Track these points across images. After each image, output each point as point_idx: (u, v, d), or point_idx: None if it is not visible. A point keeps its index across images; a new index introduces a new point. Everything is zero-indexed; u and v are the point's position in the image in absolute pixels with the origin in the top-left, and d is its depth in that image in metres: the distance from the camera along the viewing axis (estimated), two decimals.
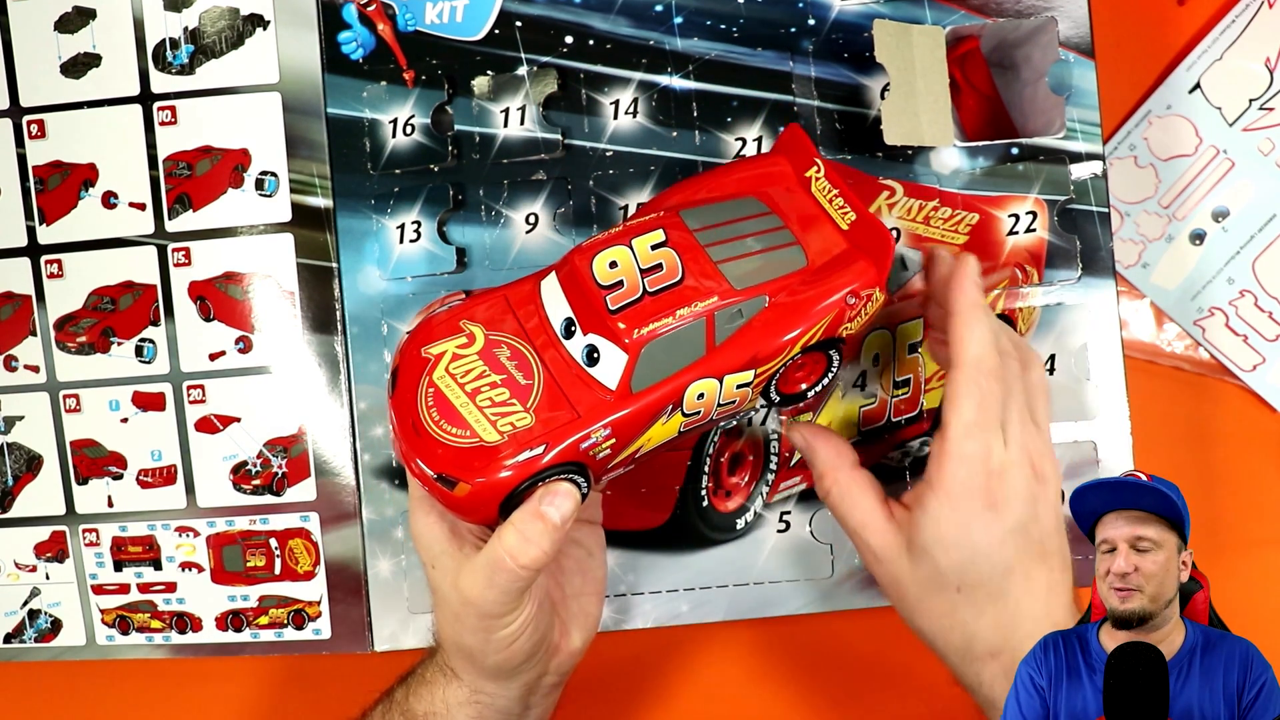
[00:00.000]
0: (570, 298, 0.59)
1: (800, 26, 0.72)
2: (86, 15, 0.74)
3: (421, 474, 0.57)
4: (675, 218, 0.60)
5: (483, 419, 0.57)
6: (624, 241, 0.59)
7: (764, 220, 0.61)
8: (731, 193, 0.63)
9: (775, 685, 0.79)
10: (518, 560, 0.57)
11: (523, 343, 0.59)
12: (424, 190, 0.73)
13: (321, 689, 0.79)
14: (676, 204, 0.62)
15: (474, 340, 0.59)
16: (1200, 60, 0.78)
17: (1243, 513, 0.79)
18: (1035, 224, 0.72)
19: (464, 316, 0.60)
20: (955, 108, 0.73)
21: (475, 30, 0.73)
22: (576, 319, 0.59)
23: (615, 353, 0.57)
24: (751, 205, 0.62)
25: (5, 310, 0.76)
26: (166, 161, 0.74)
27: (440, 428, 0.57)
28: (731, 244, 0.60)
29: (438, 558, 0.61)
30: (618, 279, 0.58)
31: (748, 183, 0.63)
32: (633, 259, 0.58)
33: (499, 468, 0.56)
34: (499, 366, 0.58)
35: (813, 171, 0.62)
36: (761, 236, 0.61)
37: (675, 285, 0.58)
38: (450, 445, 0.57)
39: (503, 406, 0.58)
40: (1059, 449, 0.73)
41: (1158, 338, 0.79)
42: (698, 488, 0.73)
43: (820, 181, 0.62)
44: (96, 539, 0.76)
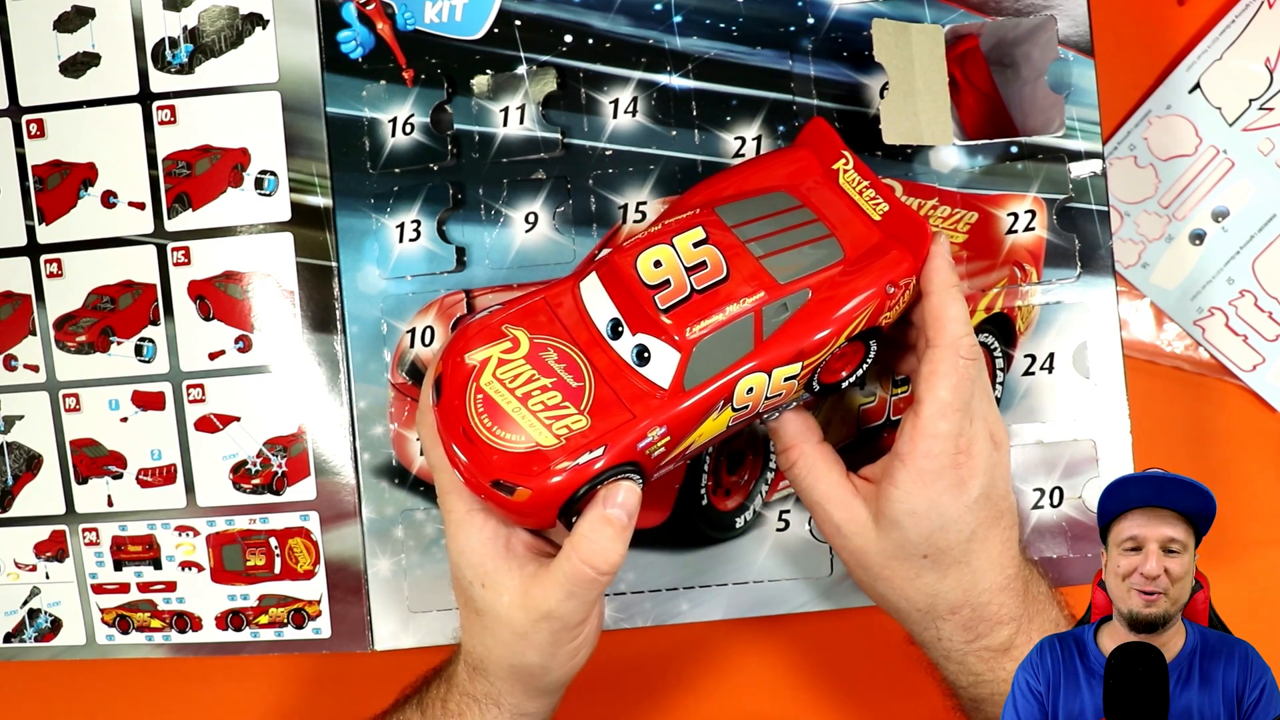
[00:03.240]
0: (615, 298, 0.59)
1: (799, 25, 0.72)
2: (86, 14, 0.74)
3: (475, 482, 0.57)
4: (713, 215, 0.60)
5: (537, 423, 0.57)
6: (665, 240, 0.59)
7: (797, 214, 0.62)
8: (761, 187, 0.63)
9: (775, 684, 0.79)
10: (598, 568, 0.57)
11: (569, 345, 0.59)
12: (423, 189, 0.73)
13: (321, 688, 0.79)
14: (707, 200, 0.62)
15: (519, 344, 0.59)
16: (1200, 60, 0.78)
17: (1243, 513, 0.79)
18: (1034, 223, 0.72)
19: (505, 321, 0.60)
20: (954, 106, 0.73)
21: (474, 29, 0.73)
22: (624, 319, 0.59)
23: (667, 352, 0.58)
24: (783, 200, 0.62)
25: (5, 310, 0.76)
26: (166, 161, 0.74)
27: (493, 433, 0.57)
28: (770, 239, 0.60)
29: (490, 575, 0.60)
30: (664, 278, 0.58)
31: (776, 178, 0.63)
32: (676, 258, 0.59)
33: (559, 471, 0.56)
34: (547, 370, 0.58)
35: (840, 164, 0.63)
36: (797, 230, 0.61)
37: (722, 282, 0.59)
38: (506, 450, 0.57)
39: (556, 409, 0.57)
40: (1057, 448, 0.73)
41: (1158, 338, 0.79)
42: (697, 486, 0.73)
43: (849, 174, 0.62)
44: (96, 538, 0.76)
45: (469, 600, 0.62)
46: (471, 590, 0.61)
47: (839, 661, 0.78)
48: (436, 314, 0.73)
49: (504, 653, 0.62)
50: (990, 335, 0.73)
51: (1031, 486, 0.73)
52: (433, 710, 0.65)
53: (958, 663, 0.64)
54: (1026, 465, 0.73)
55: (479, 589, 0.61)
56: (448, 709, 0.65)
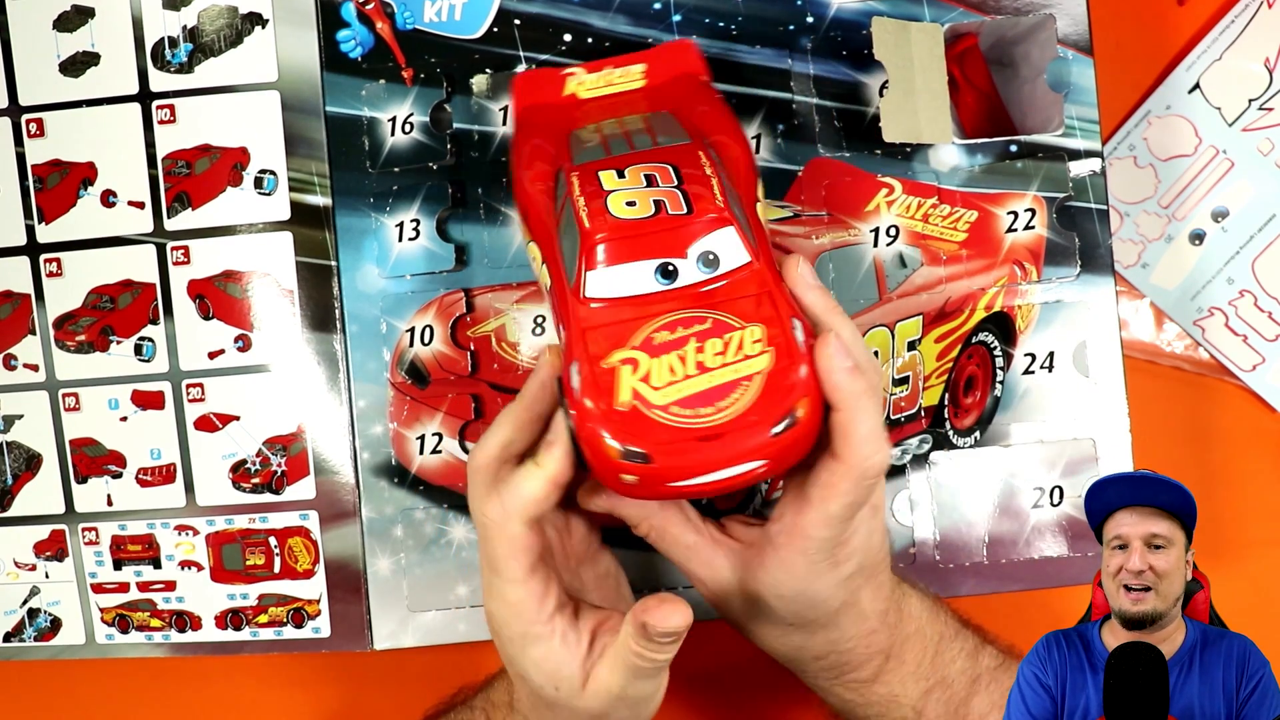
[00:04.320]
0: (634, 254, 0.55)
1: (799, 24, 0.72)
2: (85, 14, 0.74)
3: (756, 448, 0.51)
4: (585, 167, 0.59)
5: (734, 366, 0.52)
6: (605, 193, 0.57)
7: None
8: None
9: (774, 683, 0.78)
10: (661, 656, 0.55)
11: (660, 319, 0.55)
12: (423, 188, 0.73)
13: (321, 688, 0.79)
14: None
15: (638, 363, 0.54)
16: (1200, 60, 0.78)
17: (1243, 513, 0.79)
18: (1034, 221, 0.72)
19: (595, 344, 0.54)
20: (954, 105, 0.73)
21: (474, 28, 0.73)
22: (666, 256, 0.55)
23: (723, 234, 0.55)
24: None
25: (4, 309, 0.76)
26: (165, 160, 0.74)
27: (723, 407, 0.52)
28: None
29: (563, 680, 0.57)
30: (651, 204, 0.56)
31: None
32: (632, 189, 0.57)
33: (799, 364, 0.52)
34: (679, 341, 0.54)
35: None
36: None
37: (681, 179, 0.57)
38: (751, 401, 0.51)
39: (730, 355, 0.53)
40: (1057, 447, 0.73)
41: (1157, 338, 0.80)
42: None
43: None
44: (96, 538, 0.76)
45: (536, 695, 0.59)
46: (543, 692, 0.58)
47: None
48: (436, 313, 0.73)
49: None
50: (990, 334, 0.73)
51: (1031, 486, 0.73)
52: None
53: (827, 691, 0.65)
54: (1026, 465, 0.73)
55: (552, 690, 0.58)
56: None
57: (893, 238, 0.72)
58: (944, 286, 0.72)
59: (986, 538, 0.73)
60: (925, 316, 0.72)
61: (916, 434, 0.73)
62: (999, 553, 0.73)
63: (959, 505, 0.73)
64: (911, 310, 0.72)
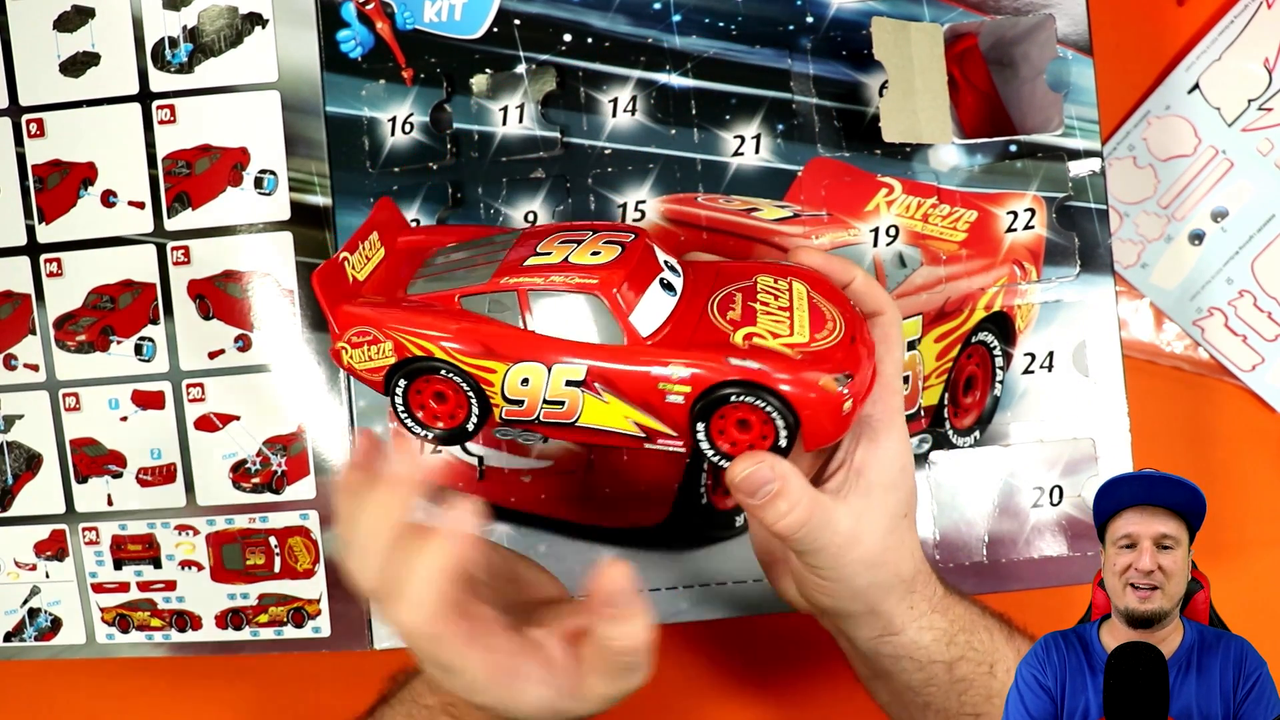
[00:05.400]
0: (642, 281, 0.58)
1: (798, 24, 0.72)
2: (85, 14, 0.74)
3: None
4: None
5: (799, 301, 0.59)
6: (568, 264, 0.58)
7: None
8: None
9: (774, 683, 0.79)
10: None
11: (711, 305, 0.59)
12: (423, 188, 0.73)
13: (321, 687, 0.79)
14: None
15: (731, 322, 0.58)
16: (1199, 60, 0.78)
17: (1242, 513, 0.79)
18: (1034, 221, 0.72)
19: (714, 347, 0.57)
20: (953, 105, 0.73)
21: (474, 28, 0.73)
22: (656, 274, 0.59)
23: (659, 252, 0.60)
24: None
25: (5, 309, 0.76)
26: (165, 160, 0.74)
27: (829, 329, 0.57)
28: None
29: (504, 701, 0.56)
30: (604, 246, 0.59)
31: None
32: (576, 247, 0.59)
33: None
34: (748, 308, 0.58)
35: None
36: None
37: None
38: (838, 317, 0.58)
39: (784, 296, 0.59)
40: (1058, 446, 0.73)
41: (1157, 338, 0.80)
42: (696, 485, 0.73)
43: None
44: (96, 537, 0.76)
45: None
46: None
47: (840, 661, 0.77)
48: None
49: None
50: (990, 334, 0.73)
51: (1031, 485, 0.73)
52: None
53: (925, 630, 0.63)
54: (1026, 464, 0.73)
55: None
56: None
57: (892, 238, 0.72)
58: (944, 286, 0.72)
59: (986, 537, 0.73)
60: (925, 316, 0.72)
61: (916, 434, 0.73)
62: (999, 552, 0.73)
63: (959, 505, 0.73)
64: (911, 310, 0.72)
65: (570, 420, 0.58)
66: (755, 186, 0.72)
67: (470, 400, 0.58)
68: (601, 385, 0.57)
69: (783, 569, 0.65)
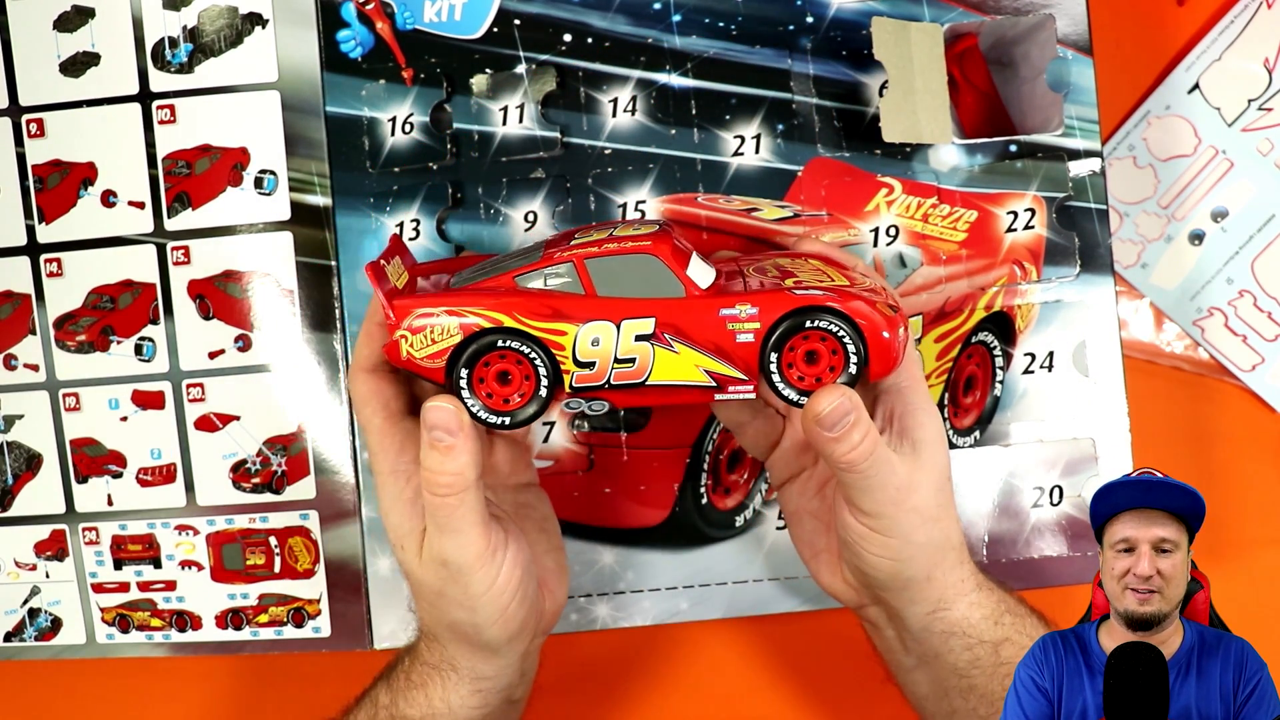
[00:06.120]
0: (685, 253, 0.60)
1: (798, 24, 0.72)
2: (85, 14, 0.74)
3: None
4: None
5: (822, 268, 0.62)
6: (616, 236, 0.60)
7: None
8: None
9: (775, 683, 0.79)
10: (432, 490, 0.57)
11: (750, 270, 0.62)
12: (423, 188, 0.73)
13: (321, 687, 0.78)
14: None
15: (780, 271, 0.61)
16: (1199, 60, 0.78)
17: (1242, 513, 0.79)
18: (1034, 221, 0.72)
19: (774, 292, 0.59)
20: (953, 105, 0.73)
21: (474, 28, 0.73)
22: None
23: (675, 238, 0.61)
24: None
25: (5, 309, 0.76)
26: (166, 160, 0.74)
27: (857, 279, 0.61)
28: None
29: (405, 536, 0.60)
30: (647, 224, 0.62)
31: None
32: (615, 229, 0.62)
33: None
34: (783, 268, 0.62)
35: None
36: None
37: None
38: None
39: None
40: (1058, 446, 0.73)
41: (1157, 338, 0.80)
42: (697, 485, 0.73)
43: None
44: (96, 537, 0.76)
45: (401, 565, 0.62)
46: (398, 554, 0.61)
47: (839, 660, 0.77)
48: None
49: (435, 616, 0.62)
50: (990, 334, 0.73)
51: (1031, 485, 0.73)
52: (398, 684, 0.65)
53: (975, 606, 0.63)
54: (1026, 464, 0.73)
55: (400, 551, 0.61)
56: (411, 681, 0.65)
57: (892, 238, 0.72)
58: (944, 286, 0.72)
59: (986, 537, 0.73)
60: (925, 316, 0.72)
61: None
62: (999, 552, 0.74)
63: (959, 505, 0.73)
64: (911, 310, 0.72)
65: (641, 379, 0.58)
66: (755, 186, 0.72)
67: (539, 371, 0.58)
68: (671, 335, 0.58)
69: (828, 558, 0.66)
